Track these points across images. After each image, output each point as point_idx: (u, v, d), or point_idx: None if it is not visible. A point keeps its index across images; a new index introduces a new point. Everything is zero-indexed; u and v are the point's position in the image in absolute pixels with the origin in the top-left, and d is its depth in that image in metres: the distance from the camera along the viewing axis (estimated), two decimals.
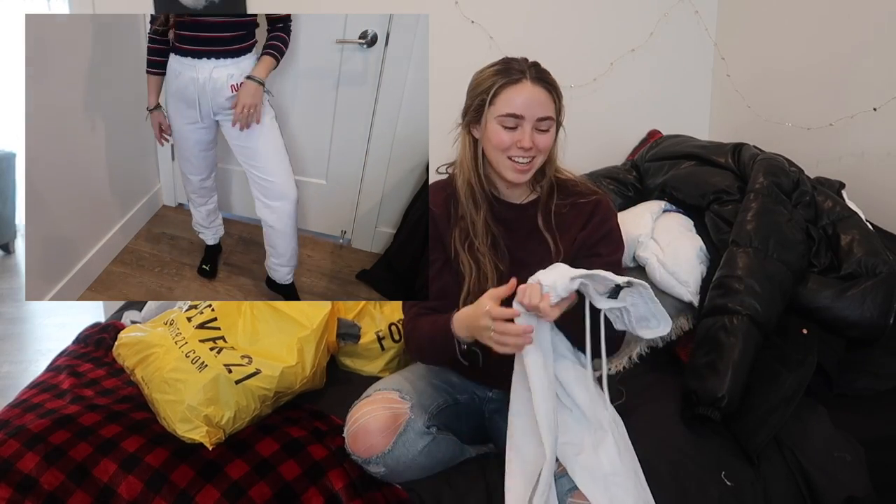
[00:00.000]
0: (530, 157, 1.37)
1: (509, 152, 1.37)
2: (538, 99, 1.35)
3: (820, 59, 2.25)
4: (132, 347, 1.56)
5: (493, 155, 1.40)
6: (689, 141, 2.23)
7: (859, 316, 1.61)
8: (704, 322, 1.63)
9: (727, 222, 1.81)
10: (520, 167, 1.38)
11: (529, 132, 1.35)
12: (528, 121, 1.35)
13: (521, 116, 1.35)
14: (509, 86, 1.35)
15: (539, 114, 1.35)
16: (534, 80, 1.36)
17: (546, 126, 1.37)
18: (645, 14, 2.72)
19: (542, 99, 1.36)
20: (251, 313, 1.57)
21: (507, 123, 1.35)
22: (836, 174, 1.99)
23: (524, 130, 1.35)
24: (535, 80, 1.36)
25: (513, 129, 1.35)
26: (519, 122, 1.35)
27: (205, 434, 1.36)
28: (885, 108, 2.00)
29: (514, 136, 1.35)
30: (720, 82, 2.76)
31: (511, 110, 1.35)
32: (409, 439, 1.32)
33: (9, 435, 1.38)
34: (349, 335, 1.74)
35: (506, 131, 1.36)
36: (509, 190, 1.47)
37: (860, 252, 1.68)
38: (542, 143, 1.37)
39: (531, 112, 1.35)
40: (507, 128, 1.35)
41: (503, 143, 1.36)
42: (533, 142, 1.35)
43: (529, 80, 1.36)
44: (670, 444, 1.47)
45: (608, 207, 1.47)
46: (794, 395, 1.51)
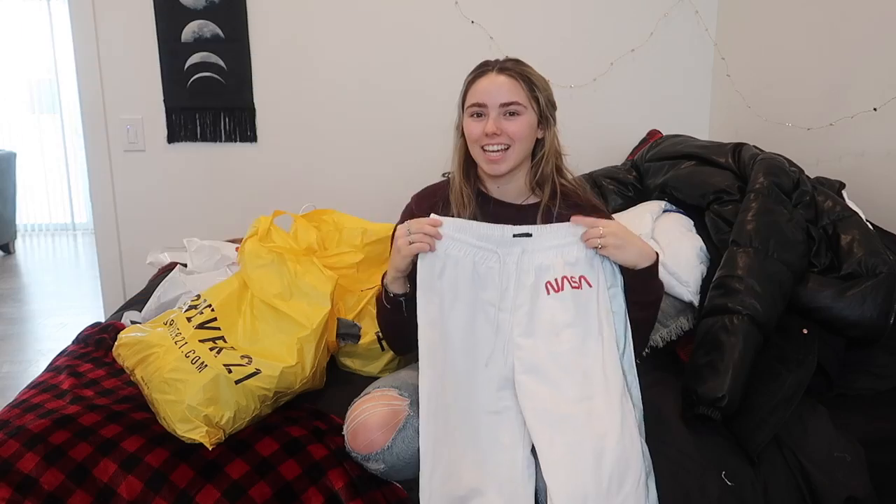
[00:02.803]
0: (502, 146, 1.41)
1: (481, 142, 1.42)
2: (500, 85, 1.41)
3: (820, 59, 2.25)
4: (132, 347, 1.56)
5: (471, 149, 1.46)
6: (689, 141, 2.23)
7: (859, 316, 1.61)
8: (704, 322, 1.63)
9: (727, 222, 1.81)
10: (492, 157, 1.42)
11: (494, 118, 1.40)
12: (492, 108, 1.40)
13: (484, 104, 1.41)
14: (476, 80, 1.43)
15: (502, 99, 1.40)
16: (499, 70, 1.42)
17: (514, 111, 1.41)
18: (645, 14, 2.72)
19: (505, 85, 1.40)
20: (251, 313, 1.57)
21: (475, 112, 1.42)
22: (836, 174, 1.99)
23: (489, 118, 1.40)
24: (499, 71, 1.42)
25: (479, 117, 1.42)
26: (483, 110, 1.41)
27: (204, 434, 1.36)
28: (885, 108, 2.00)
29: (480, 124, 1.41)
30: (720, 82, 2.77)
31: (475, 99, 1.42)
32: (409, 436, 1.33)
33: (9, 435, 1.38)
34: (349, 335, 1.74)
35: (474, 122, 1.42)
36: (503, 188, 1.49)
37: (860, 252, 1.68)
38: (510, 129, 1.41)
39: (493, 99, 1.40)
40: (475, 117, 1.42)
41: (473, 133, 1.42)
42: (500, 127, 1.39)
43: (494, 71, 1.42)
44: (670, 444, 1.47)
45: (602, 213, 1.50)
46: (794, 395, 1.51)
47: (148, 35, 2.59)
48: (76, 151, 5.88)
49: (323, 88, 2.71)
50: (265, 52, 2.65)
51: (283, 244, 1.70)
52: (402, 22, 2.68)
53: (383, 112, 2.75)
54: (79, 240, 5.85)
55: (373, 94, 2.72)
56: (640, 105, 2.81)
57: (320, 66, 2.69)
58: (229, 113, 2.69)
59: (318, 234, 1.87)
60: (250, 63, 2.65)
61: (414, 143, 2.75)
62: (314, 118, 2.73)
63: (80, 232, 6.06)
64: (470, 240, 1.35)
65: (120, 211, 2.74)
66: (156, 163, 2.71)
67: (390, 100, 2.74)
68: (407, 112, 2.75)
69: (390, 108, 2.75)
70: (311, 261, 1.66)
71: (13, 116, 5.95)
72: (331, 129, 2.75)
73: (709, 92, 2.84)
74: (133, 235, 2.75)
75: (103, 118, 2.65)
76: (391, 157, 2.78)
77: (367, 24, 2.67)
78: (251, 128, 2.71)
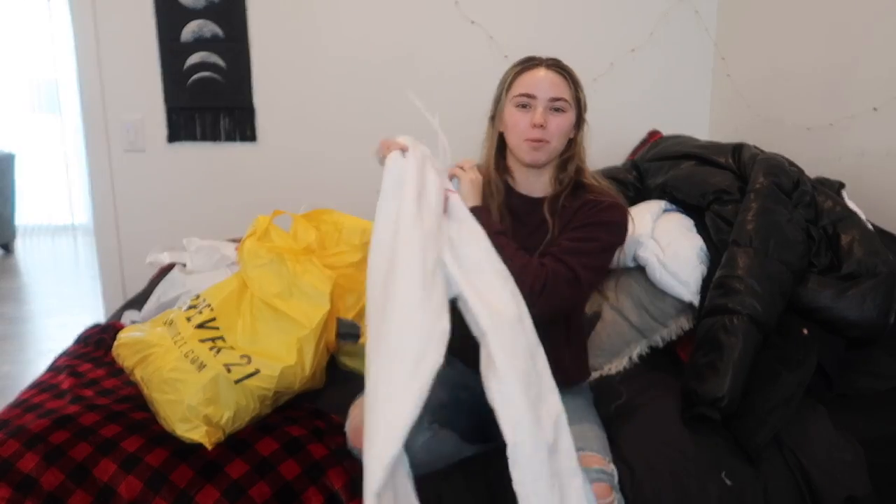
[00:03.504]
0: (544, 140, 1.42)
1: (526, 133, 1.42)
2: (551, 80, 1.42)
3: (820, 59, 2.25)
4: (132, 347, 1.56)
5: (511, 139, 1.46)
6: (689, 141, 2.23)
7: (859, 316, 1.61)
8: (705, 322, 1.63)
9: (727, 222, 1.81)
10: (534, 145, 1.42)
11: (542, 111, 1.41)
12: (541, 101, 1.41)
13: (534, 96, 1.42)
14: (525, 72, 1.44)
15: (552, 94, 1.41)
16: (548, 66, 1.44)
17: (559, 107, 1.42)
18: (645, 14, 2.72)
19: (555, 81, 1.42)
20: (250, 313, 1.57)
21: (521, 103, 1.42)
22: (836, 174, 1.99)
23: (536, 110, 1.41)
24: (549, 67, 1.44)
25: (525, 108, 1.42)
26: (531, 102, 1.42)
27: (204, 434, 1.36)
28: (885, 108, 2.00)
29: (527, 116, 1.42)
30: (720, 82, 2.77)
31: (523, 90, 1.43)
32: (409, 434, 1.32)
33: (9, 435, 1.38)
34: (349, 335, 1.74)
35: (520, 112, 1.43)
36: (528, 183, 1.50)
37: (860, 252, 1.68)
38: (554, 124, 1.42)
39: (543, 92, 1.41)
40: (521, 107, 1.43)
41: (517, 123, 1.43)
42: (545, 120, 1.40)
43: (544, 66, 1.44)
44: (670, 444, 1.47)
45: (617, 207, 1.46)
46: (794, 395, 1.51)
47: (148, 35, 2.59)
48: (76, 151, 5.88)
49: (323, 88, 2.71)
50: (265, 52, 2.65)
51: (283, 244, 1.70)
52: (402, 22, 2.68)
53: (383, 111, 2.74)
54: (79, 240, 5.84)
55: (373, 93, 2.72)
56: (640, 105, 2.80)
57: (320, 65, 2.69)
58: (229, 113, 2.69)
59: (317, 234, 1.87)
60: (250, 63, 2.65)
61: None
62: (314, 118, 2.73)
63: (80, 232, 6.06)
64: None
65: (120, 211, 2.74)
66: (156, 163, 2.71)
67: (390, 99, 2.73)
68: (407, 111, 2.74)
69: (390, 107, 2.74)
70: (310, 260, 1.66)
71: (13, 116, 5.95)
72: (330, 129, 2.75)
73: (709, 92, 2.84)
74: (133, 235, 2.75)
75: (103, 118, 2.65)
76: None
77: (367, 24, 2.67)
78: (251, 127, 2.71)
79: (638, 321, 1.83)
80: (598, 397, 1.59)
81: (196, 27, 2.59)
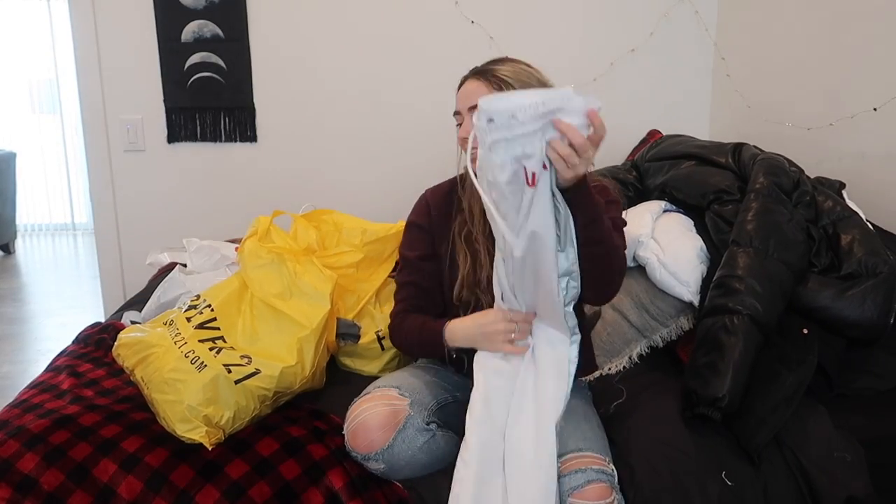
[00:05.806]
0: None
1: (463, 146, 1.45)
2: (472, 89, 1.42)
3: (820, 59, 2.25)
4: (132, 347, 1.56)
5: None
6: (689, 141, 2.23)
7: (859, 316, 1.61)
8: (705, 322, 1.63)
9: (727, 222, 1.81)
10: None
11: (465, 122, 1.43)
12: (464, 113, 1.44)
13: (458, 111, 1.46)
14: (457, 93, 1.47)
15: (469, 103, 1.41)
16: (474, 75, 1.45)
17: None
18: (645, 14, 2.72)
19: (477, 90, 1.41)
20: (250, 313, 1.57)
21: (456, 122, 1.47)
22: (837, 174, 1.99)
23: (465, 123, 1.44)
24: (474, 76, 1.45)
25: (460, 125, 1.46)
26: (458, 117, 1.46)
27: (204, 434, 1.36)
28: (885, 108, 1.99)
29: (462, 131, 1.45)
30: (720, 82, 2.77)
31: (455, 109, 1.45)
32: (409, 435, 1.33)
33: (9, 435, 1.38)
34: (349, 335, 1.74)
35: (458, 128, 1.47)
36: None
37: (860, 252, 1.68)
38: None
39: (463, 103, 1.44)
40: (458, 126, 1.47)
41: (459, 139, 1.46)
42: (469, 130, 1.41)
43: (471, 76, 1.45)
44: (670, 444, 1.47)
45: (609, 187, 1.51)
46: (794, 395, 1.51)
47: (148, 35, 2.59)
48: (76, 151, 5.89)
49: (323, 88, 2.71)
50: (265, 52, 2.65)
51: (283, 244, 1.70)
52: (402, 22, 2.68)
53: (383, 111, 2.75)
54: (79, 240, 5.85)
55: (373, 93, 2.72)
56: (640, 105, 2.80)
57: (320, 65, 2.69)
58: (229, 113, 2.69)
59: (317, 234, 1.87)
60: (250, 63, 2.65)
61: (414, 142, 2.75)
62: (314, 118, 2.73)
63: (80, 232, 6.07)
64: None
65: (120, 211, 2.74)
66: (156, 163, 2.71)
67: (390, 99, 2.74)
68: (407, 111, 2.75)
69: (390, 107, 2.75)
70: (310, 260, 1.66)
71: (13, 116, 5.95)
72: (331, 129, 2.75)
73: (709, 92, 2.84)
74: (133, 235, 2.75)
75: (103, 118, 2.65)
76: (391, 156, 2.78)
77: (367, 24, 2.67)
78: (251, 128, 2.71)
79: (638, 321, 1.83)
80: (597, 397, 1.59)
81: (196, 27, 2.59)
